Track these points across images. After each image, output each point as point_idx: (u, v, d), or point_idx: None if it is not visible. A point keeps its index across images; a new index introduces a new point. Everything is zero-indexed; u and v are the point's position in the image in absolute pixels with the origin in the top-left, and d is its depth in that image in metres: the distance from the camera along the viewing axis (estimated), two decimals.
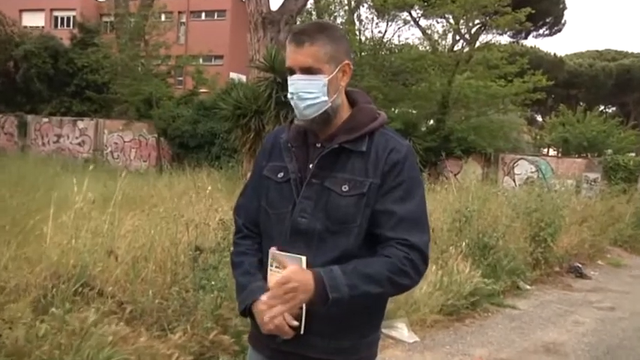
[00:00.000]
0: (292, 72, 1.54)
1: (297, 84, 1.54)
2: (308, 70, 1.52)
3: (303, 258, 1.48)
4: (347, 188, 1.53)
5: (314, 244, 1.52)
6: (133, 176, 8.10)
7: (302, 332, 1.49)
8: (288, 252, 1.50)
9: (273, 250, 1.54)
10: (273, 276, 1.51)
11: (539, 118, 29.00)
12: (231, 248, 1.68)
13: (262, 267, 1.60)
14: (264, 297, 1.49)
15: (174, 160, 16.93)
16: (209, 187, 4.70)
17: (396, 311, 4.66)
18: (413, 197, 1.53)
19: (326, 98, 1.54)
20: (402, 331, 4.53)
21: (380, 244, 1.51)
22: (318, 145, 1.59)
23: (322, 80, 1.52)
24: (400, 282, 1.48)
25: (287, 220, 1.56)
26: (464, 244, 6.17)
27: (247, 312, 1.56)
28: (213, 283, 3.61)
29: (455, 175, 14.69)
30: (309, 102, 1.54)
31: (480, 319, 5.34)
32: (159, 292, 3.69)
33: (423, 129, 16.43)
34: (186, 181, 9.71)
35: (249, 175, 1.80)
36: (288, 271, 1.45)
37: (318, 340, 1.54)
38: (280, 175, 1.61)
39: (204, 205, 4.70)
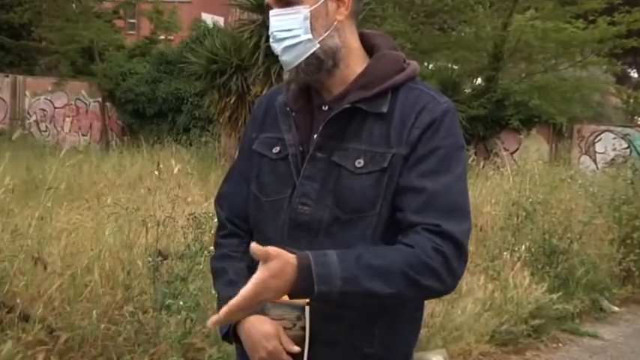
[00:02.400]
0: (269, 8, 1.58)
1: (272, 22, 1.56)
2: (284, 2, 1.55)
3: (307, 307, 1.50)
4: (362, 163, 1.54)
5: (319, 240, 1.54)
6: (69, 155, 8.10)
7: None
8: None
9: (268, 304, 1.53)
10: None
11: (633, 74, 28.53)
12: (210, 251, 1.71)
13: (252, 274, 1.63)
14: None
15: (126, 134, 16.98)
16: (175, 169, 4.70)
17: (429, 339, 4.68)
18: (450, 170, 1.54)
19: (309, 36, 1.55)
20: None
21: (402, 234, 1.51)
22: (325, 107, 1.60)
23: (302, 12, 1.54)
24: (423, 282, 1.46)
25: (285, 210, 1.58)
26: (523, 247, 6.19)
27: (232, 335, 1.59)
28: (181, 301, 3.63)
29: (511, 153, 14.68)
30: (286, 43, 1.55)
31: (547, 351, 5.36)
32: (106, 313, 3.71)
33: (468, 91, 16.38)
34: (142, 163, 9.76)
35: (229, 154, 1.80)
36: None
37: None
38: (276, 149, 1.63)
39: (169, 194, 4.71)
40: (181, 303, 3.61)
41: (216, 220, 3.83)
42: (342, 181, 1.54)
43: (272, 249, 1.42)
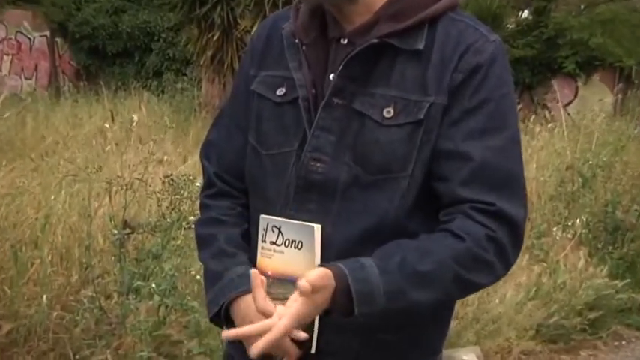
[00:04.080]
0: None
1: None
2: None
3: (316, 227, 1.53)
4: (392, 113, 1.54)
5: (335, 205, 1.56)
6: (9, 104, 8.10)
7: (313, 351, 1.55)
8: (293, 219, 1.55)
9: (265, 217, 1.58)
10: (269, 260, 1.57)
11: None
12: (190, 222, 1.73)
13: (248, 244, 1.66)
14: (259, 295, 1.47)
15: (82, 78, 16.92)
16: (148, 123, 4.70)
17: (460, 333, 4.71)
18: (502, 129, 1.55)
19: None
20: None
21: (444, 210, 1.54)
22: (344, 41, 1.59)
23: None
24: (475, 280, 1.51)
25: (291, 167, 1.60)
26: (578, 222, 6.22)
27: (223, 317, 1.61)
28: (153, 283, 3.65)
29: (565, 105, 14.62)
30: None
31: (606, 350, 5.39)
32: (58, 298, 3.73)
33: (511, 26, 16.27)
34: (103, 114, 9.73)
35: (212, 103, 1.81)
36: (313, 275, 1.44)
37: None
38: (280, 91, 1.64)
39: (138, 152, 4.71)
40: (153, 285, 3.62)
41: (198, 184, 3.80)
42: (365, 134, 1.55)
43: (317, 278, 1.40)
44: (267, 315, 1.44)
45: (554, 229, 6.13)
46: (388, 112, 1.54)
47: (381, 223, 1.53)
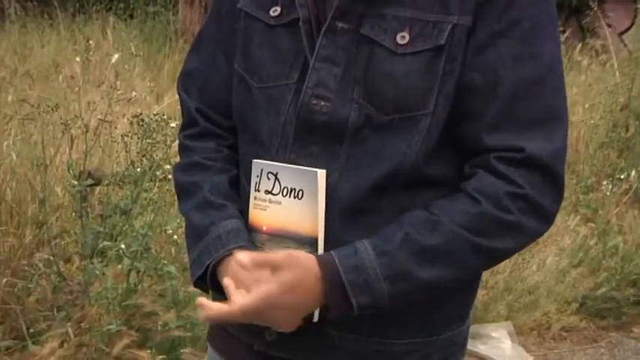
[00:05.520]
0: None
1: None
2: None
3: (320, 172, 1.55)
4: (407, 38, 1.53)
5: (342, 149, 1.57)
6: None
7: (315, 320, 1.57)
8: (293, 164, 1.58)
9: (259, 162, 1.61)
10: (263, 213, 1.60)
11: None
12: (165, 171, 1.75)
13: (238, 193, 1.69)
14: (242, 256, 1.54)
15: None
16: (112, 49, 4.66)
17: (488, 306, 4.74)
18: (539, 55, 1.54)
19: None
20: (500, 344, 4.62)
21: (468, 162, 1.55)
22: None
23: None
24: (498, 247, 1.53)
25: (289, 104, 1.61)
26: (633, 174, 6.24)
27: (209, 281, 1.64)
28: (122, 244, 3.66)
29: (621, 34, 14.54)
30: None
31: None
32: (8, 263, 3.76)
33: None
34: (59, 43, 9.69)
35: (191, 31, 1.82)
36: (278, 255, 1.51)
37: (344, 338, 1.61)
38: (274, 11, 1.64)
39: (102, 88, 4.69)
40: (122, 247, 3.63)
41: (173, 125, 3.81)
42: (376, 65, 1.54)
43: (284, 255, 1.48)
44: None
45: (605, 182, 6.15)
46: (402, 38, 1.53)
47: (397, 170, 1.53)
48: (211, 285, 1.63)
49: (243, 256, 1.53)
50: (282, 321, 1.53)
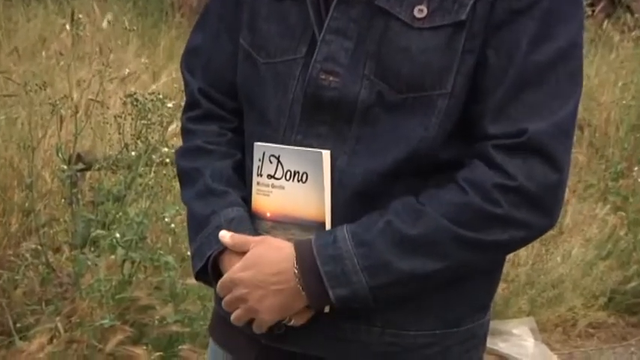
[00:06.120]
0: None
1: None
2: None
3: (325, 153, 1.56)
4: (425, 12, 1.54)
5: (352, 130, 1.57)
6: None
7: (327, 310, 1.59)
8: (300, 146, 1.59)
9: (260, 144, 1.63)
10: (266, 199, 1.62)
11: None
12: (162, 155, 1.76)
13: (242, 179, 1.70)
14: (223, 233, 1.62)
15: None
16: (104, 23, 4.64)
17: (509, 301, 4.74)
18: (556, 37, 1.54)
19: None
20: (522, 342, 4.62)
21: (471, 148, 1.57)
22: None
23: None
24: (485, 239, 1.54)
25: (297, 79, 1.61)
26: None
27: (211, 273, 1.65)
28: (116, 233, 3.66)
29: None
30: None
31: None
32: None
33: None
34: (46, 16, 9.65)
35: (189, 4, 1.83)
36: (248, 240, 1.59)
37: (357, 330, 1.62)
38: None
39: (94, 65, 4.69)
40: (116, 236, 3.63)
41: (170, 105, 3.80)
42: (390, 39, 1.55)
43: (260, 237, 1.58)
44: None
45: (636, 168, 6.11)
46: (420, 11, 1.53)
47: (413, 155, 1.54)
48: (213, 278, 1.64)
49: (224, 234, 1.59)
50: (263, 305, 1.56)
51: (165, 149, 3.84)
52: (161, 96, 4.05)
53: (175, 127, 3.88)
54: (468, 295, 1.66)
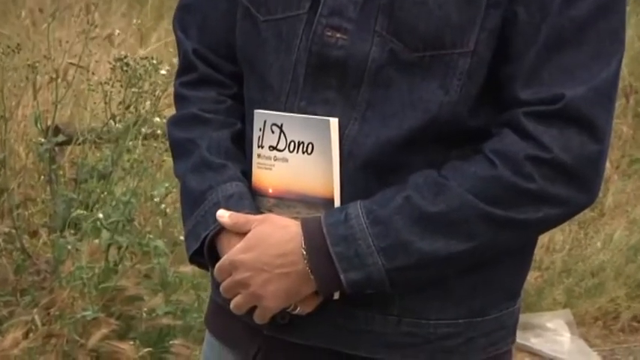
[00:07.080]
0: None
1: None
2: None
3: (332, 121, 1.56)
4: None
5: (361, 94, 1.58)
6: None
7: (336, 297, 1.60)
8: (305, 113, 1.60)
9: (261, 112, 1.64)
10: (268, 173, 1.63)
11: None
12: (153, 125, 1.76)
13: (242, 151, 1.72)
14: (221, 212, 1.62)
15: None
16: None
17: (542, 291, 4.75)
18: None
19: None
20: (557, 337, 4.62)
21: (499, 116, 1.57)
22: None
23: None
24: (517, 218, 1.54)
25: (300, 38, 1.61)
26: None
27: (207, 255, 1.67)
28: (100, 214, 3.67)
29: None
30: None
31: None
32: None
33: None
34: None
35: None
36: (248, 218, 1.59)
37: (371, 319, 1.63)
38: None
39: (77, 26, 4.68)
40: (100, 217, 3.63)
41: (164, 72, 3.81)
42: None
43: (262, 215, 1.59)
44: None
45: None
46: None
47: (430, 122, 1.54)
48: (210, 261, 1.65)
49: (222, 213, 1.60)
50: (267, 290, 1.56)
51: (157, 119, 3.82)
52: (153, 60, 4.03)
53: (169, 96, 3.85)
54: (496, 279, 1.66)
